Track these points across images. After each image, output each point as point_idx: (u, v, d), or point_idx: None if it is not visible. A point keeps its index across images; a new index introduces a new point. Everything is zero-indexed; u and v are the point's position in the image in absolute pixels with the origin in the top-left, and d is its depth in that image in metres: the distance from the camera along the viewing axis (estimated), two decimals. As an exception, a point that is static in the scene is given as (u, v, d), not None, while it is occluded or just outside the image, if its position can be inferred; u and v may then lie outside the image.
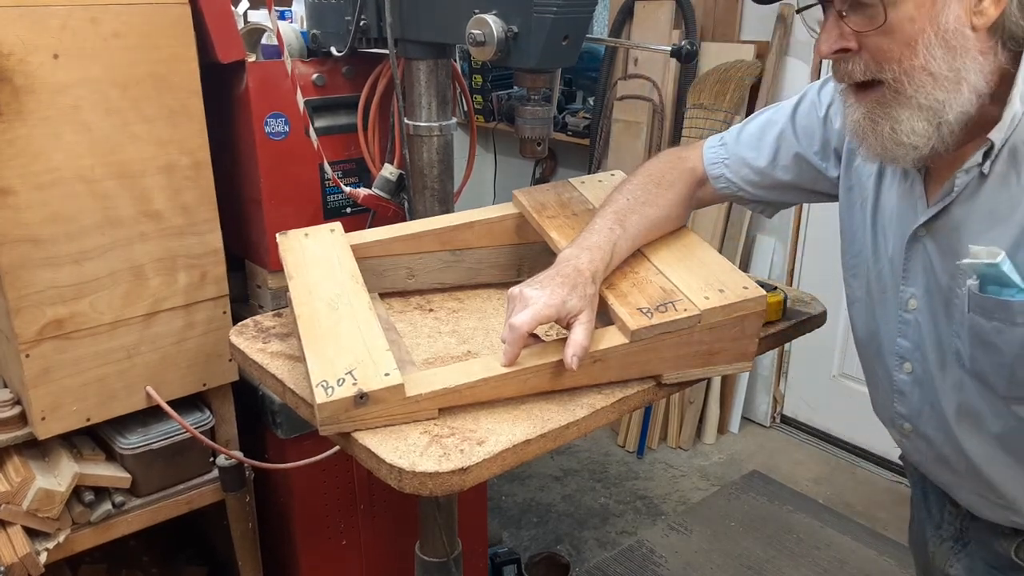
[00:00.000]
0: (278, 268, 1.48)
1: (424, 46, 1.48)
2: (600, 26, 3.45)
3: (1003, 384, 0.93)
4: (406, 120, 1.56)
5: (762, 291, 1.06)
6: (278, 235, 1.25)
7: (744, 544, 2.61)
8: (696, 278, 1.09)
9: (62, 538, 1.49)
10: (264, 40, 1.75)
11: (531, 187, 1.37)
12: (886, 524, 2.70)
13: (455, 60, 1.67)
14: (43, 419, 1.45)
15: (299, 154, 1.62)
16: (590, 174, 1.44)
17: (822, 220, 2.94)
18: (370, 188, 1.67)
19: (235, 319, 1.59)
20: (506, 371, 0.97)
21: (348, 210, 1.74)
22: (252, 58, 1.69)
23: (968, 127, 0.89)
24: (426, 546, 1.46)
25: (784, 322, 1.23)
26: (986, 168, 0.89)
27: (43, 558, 1.46)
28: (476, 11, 1.22)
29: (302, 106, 1.50)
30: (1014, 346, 0.88)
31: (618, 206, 1.14)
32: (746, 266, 3.14)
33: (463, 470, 0.87)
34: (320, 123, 1.65)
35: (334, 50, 1.63)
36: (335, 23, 1.60)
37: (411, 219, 1.61)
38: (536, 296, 0.97)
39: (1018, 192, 0.87)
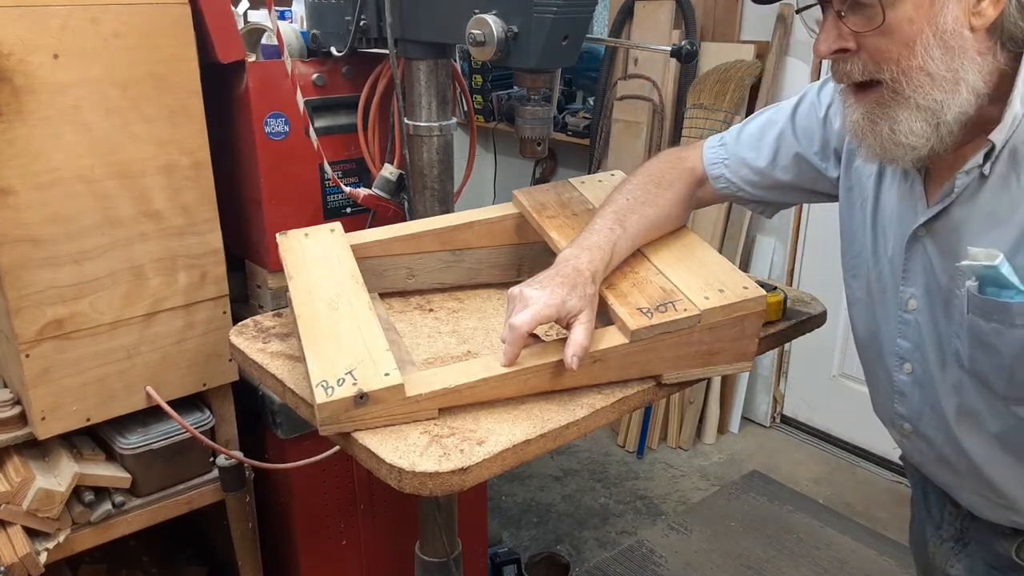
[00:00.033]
0: (278, 268, 1.48)
1: (424, 46, 1.49)
2: (600, 26, 3.45)
3: (1002, 384, 0.93)
4: (406, 120, 1.56)
5: (762, 291, 1.06)
6: (278, 235, 1.25)
7: (744, 544, 2.61)
8: (696, 278, 1.09)
9: (62, 538, 1.50)
10: (264, 40, 1.75)
11: (531, 187, 1.37)
12: (886, 524, 2.70)
13: (455, 60, 1.67)
14: (43, 419, 1.45)
15: (299, 154, 1.62)
16: (590, 174, 1.44)
17: (822, 220, 2.94)
18: (370, 188, 1.67)
19: (235, 319, 1.59)
20: (506, 371, 0.97)
21: (348, 210, 1.74)
22: (252, 58, 1.69)
23: (967, 128, 0.89)
24: (426, 546, 1.46)
25: (784, 322, 1.23)
26: (986, 169, 0.89)
27: (43, 558, 1.46)
28: (476, 11, 1.22)
29: (302, 106, 1.50)
30: (1013, 347, 0.88)
31: (618, 206, 1.14)
32: (746, 266, 3.14)
33: (463, 470, 0.87)
34: (320, 123, 1.65)
35: (334, 50, 1.63)
36: (335, 23, 1.60)
37: (411, 219, 1.61)
38: (536, 296, 0.97)
39: (1018, 194, 0.87)
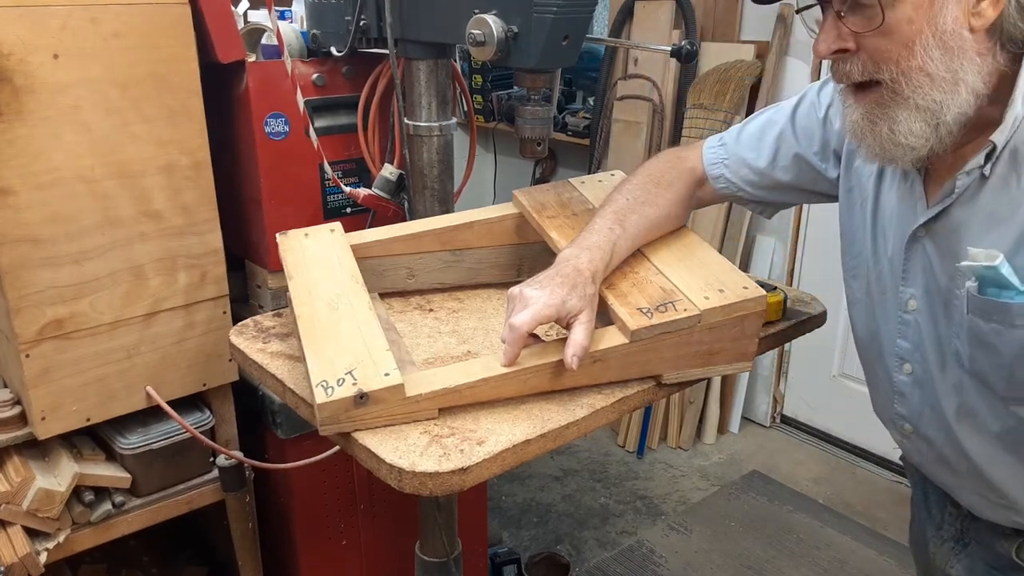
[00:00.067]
0: (278, 268, 1.48)
1: (424, 46, 1.49)
2: (600, 26, 3.45)
3: (1002, 384, 0.93)
4: (406, 120, 1.56)
5: (762, 291, 1.06)
6: (278, 235, 1.25)
7: (744, 544, 2.61)
8: (696, 278, 1.09)
9: (62, 538, 1.50)
10: (264, 40, 1.75)
11: (531, 187, 1.37)
12: (886, 524, 2.70)
13: (455, 60, 1.67)
14: (43, 419, 1.45)
15: (299, 154, 1.62)
16: (590, 174, 1.44)
17: (822, 220, 2.94)
18: (370, 188, 1.67)
19: (235, 319, 1.59)
20: (506, 371, 0.97)
21: (348, 210, 1.74)
22: (252, 58, 1.69)
23: (966, 128, 0.89)
24: (426, 546, 1.46)
25: (784, 322, 1.23)
26: (987, 170, 0.89)
27: (43, 558, 1.46)
28: (476, 11, 1.22)
29: (302, 106, 1.50)
30: (1013, 347, 0.88)
31: (618, 206, 1.14)
32: (746, 266, 3.14)
33: (463, 470, 0.87)
34: (320, 123, 1.65)
35: (334, 50, 1.63)
36: (335, 23, 1.60)
37: (411, 219, 1.61)
38: (536, 296, 0.97)
39: (1018, 194, 0.87)
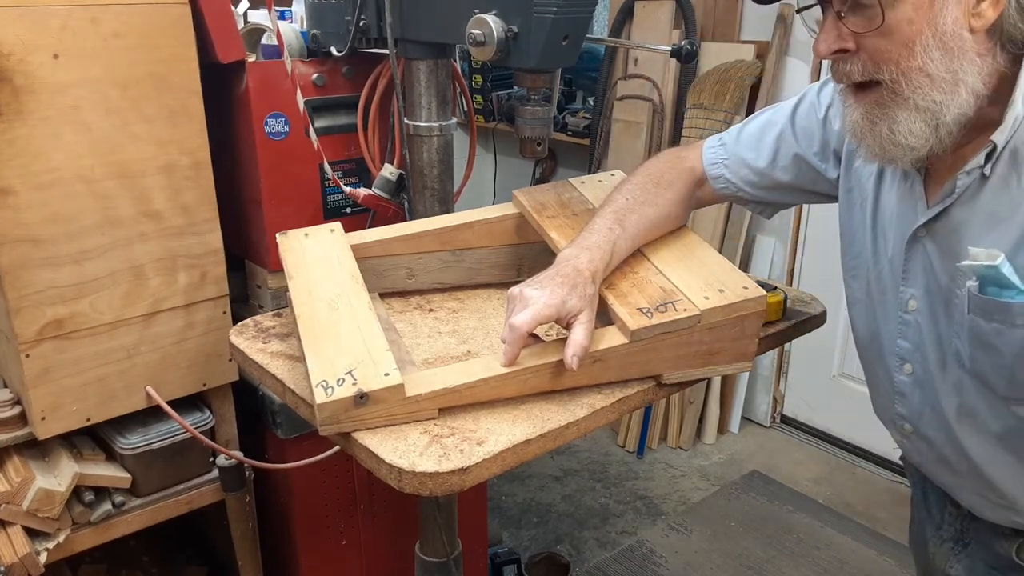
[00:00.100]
0: (278, 268, 1.48)
1: (424, 46, 1.49)
2: (600, 26, 3.45)
3: (1003, 384, 0.93)
4: (406, 120, 1.56)
5: (762, 291, 1.06)
6: (278, 235, 1.25)
7: (744, 544, 2.61)
8: (696, 278, 1.09)
9: (62, 538, 1.50)
10: (264, 40, 1.75)
11: (531, 187, 1.37)
12: (886, 524, 2.70)
13: (455, 60, 1.67)
14: (43, 419, 1.45)
15: (299, 154, 1.62)
16: (590, 174, 1.44)
17: (822, 220, 2.94)
18: (370, 188, 1.67)
19: (235, 319, 1.59)
20: (506, 371, 0.97)
21: (348, 210, 1.74)
22: (252, 58, 1.69)
23: (966, 129, 0.89)
24: (426, 546, 1.46)
25: (784, 322, 1.23)
26: (987, 170, 0.89)
27: (43, 558, 1.46)
28: (476, 11, 1.22)
29: (302, 106, 1.50)
30: (1014, 347, 0.88)
31: (617, 206, 1.14)
32: (746, 266, 3.14)
33: (463, 470, 0.87)
34: (320, 123, 1.65)
35: (334, 50, 1.63)
36: (335, 23, 1.60)
37: (411, 219, 1.61)
38: (536, 296, 0.97)
39: (1019, 194, 0.87)
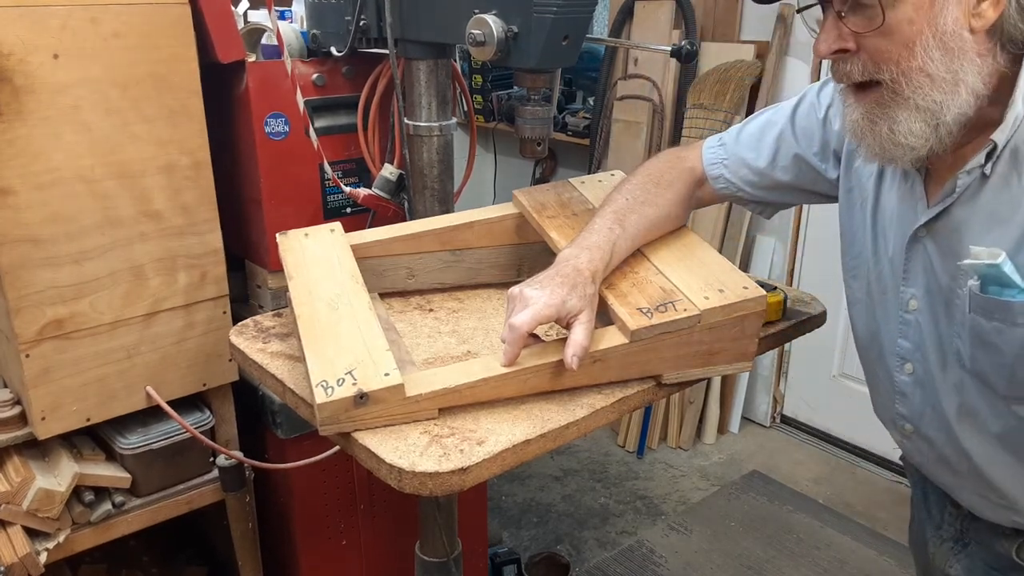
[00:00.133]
0: (278, 268, 1.48)
1: (424, 46, 1.49)
2: (600, 26, 3.45)
3: (1003, 384, 0.93)
4: (406, 120, 1.56)
5: (762, 291, 1.06)
6: (278, 235, 1.25)
7: (744, 544, 2.61)
8: (696, 278, 1.09)
9: (62, 538, 1.49)
10: (264, 40, 1.75)
11: (531, 187, 1.37)
12: (886, 524, 2.70)
13: (455, 60, 1.67)
14: (43, 419, 1.45)
15: (299, 154, 1.62)
16: (590, 174, 1.44)
17: (822, 220, 2.94)
18: (370, 188, 1.67)
19: (235, 319, 1.59)
20: (506, 371, 0.97)
21: (348, 210, 1.74)
22: (252, 58, 1.69)
23: (966, 129, 0.89)
24: (426, 546, 1.46)
25: (784, 322, 1.23)
26: (988, 169, 0.89)
27: (43, 558, 1.46)
28: (476, 11, 1.22)
29: (302, 106, 1.50)
30: (1014, 346, 0.88)
31: (617, 206, 1.14)
32: (746, 266, 3.14)
33: (463, 470, 0.87)
34: (320, 123, 1.65)
35: (334, 50, 1.63)
36: (335, 23, 1.60)
37: (411, 219, 1.61)
38: (536, 296, 0.97)
39: (1019, 193, 0.87)
